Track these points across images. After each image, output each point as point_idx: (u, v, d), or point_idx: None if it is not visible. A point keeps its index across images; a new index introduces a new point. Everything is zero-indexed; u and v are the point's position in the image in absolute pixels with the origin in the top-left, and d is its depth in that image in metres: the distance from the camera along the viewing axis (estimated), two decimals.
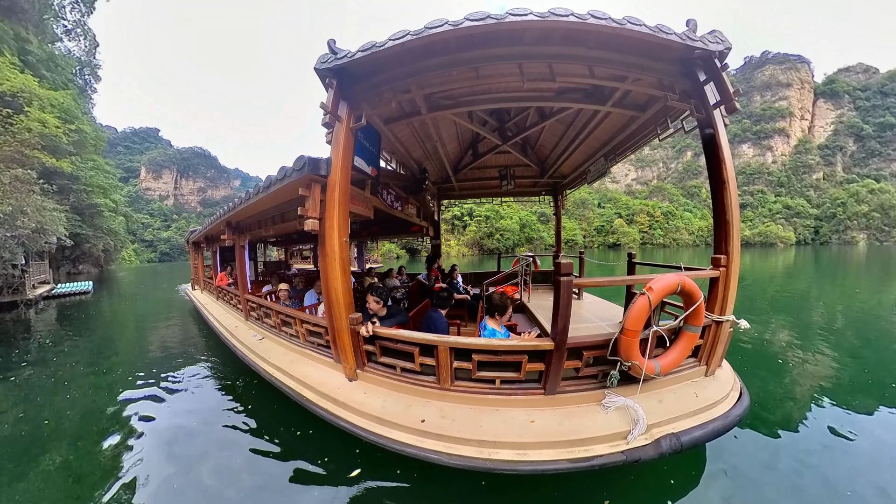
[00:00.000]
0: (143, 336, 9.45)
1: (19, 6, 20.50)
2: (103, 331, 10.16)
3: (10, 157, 10.78)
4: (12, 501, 3.08)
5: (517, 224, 76.00)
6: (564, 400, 2.84)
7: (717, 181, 3.07)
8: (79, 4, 28.42)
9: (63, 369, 6.60)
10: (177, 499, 3.05)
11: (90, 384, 5.82)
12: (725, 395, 2.96)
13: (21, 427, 4.37)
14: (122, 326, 11.08)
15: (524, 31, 2.77)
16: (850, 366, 5.55)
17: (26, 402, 5.17)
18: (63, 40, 28.02)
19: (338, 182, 3.23)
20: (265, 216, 5.63)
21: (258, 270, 12.85)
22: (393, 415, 2.91)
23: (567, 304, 2.67)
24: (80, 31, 29.67)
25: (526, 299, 5.41)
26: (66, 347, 8.24)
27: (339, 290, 3.35)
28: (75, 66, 27.85)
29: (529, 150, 7.38)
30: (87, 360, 7.20)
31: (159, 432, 4.17)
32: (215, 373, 6.09)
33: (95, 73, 31.96)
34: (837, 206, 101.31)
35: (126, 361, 7.06)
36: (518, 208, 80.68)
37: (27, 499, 3.11)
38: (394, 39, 2.81)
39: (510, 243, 70.90)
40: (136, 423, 4.39)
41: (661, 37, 2.70)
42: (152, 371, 6.24)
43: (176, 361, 6.79)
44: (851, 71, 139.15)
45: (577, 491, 2.92)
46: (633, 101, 4.07)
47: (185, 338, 8.70)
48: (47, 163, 13.16)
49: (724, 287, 3.07)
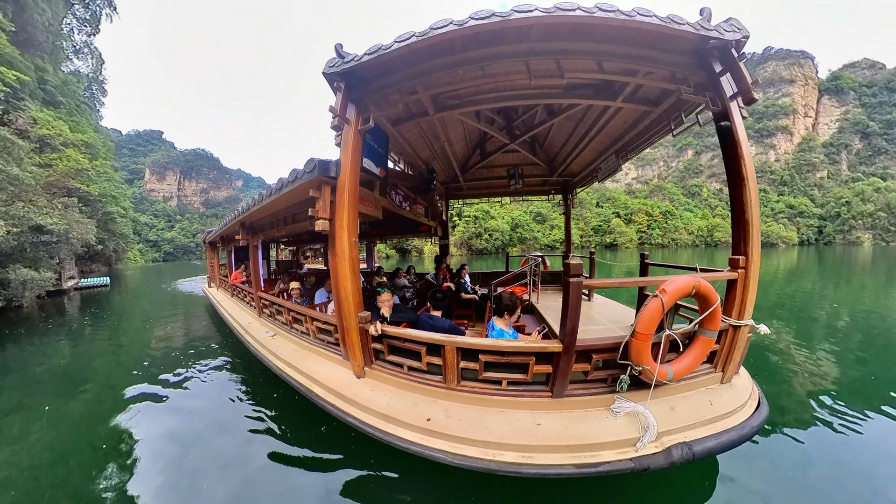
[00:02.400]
0: (151, 314, 12.21)
1: (35, 39, 21.79)
2: (121, 309, 13.69)
3: (55, 185, 14.17)
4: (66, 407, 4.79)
5: (507, 224, 74.72)
6: (572, 403, 2.69)
7: (736, 178, 2.83)
8: (85, 26, 30.14)
9: (99, 331, 9.60)
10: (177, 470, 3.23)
11: (116, 343, 8.43)
12: (742, 403, 2.73)
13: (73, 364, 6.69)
14: (133, 307, 14.23)
15: (530, 28, 2.63)
16: (856, 369, 5.22)
17: (92, 343, 8.43)
18: (73, 60, 29.68)
19: (347, 183, 3.16)
20: (277, 217, 5.60)
21: (270, 269, 12.95)
22: (399, 412, 2.82)
23: (576, 306, 2.51)
24: (86, 50, 31.64)
25: (535, 300, 5.23)
26: (100, 317, 11.76)
27: (349, 289, 3.29)
28: (84, 84, 29.58)
29: (538, 148, 7.14)
30: (110, 328, 10.07)
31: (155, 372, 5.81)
32: (208, 343, 7.73)
33: (102, 87, 34.08)
34: (842, 205, 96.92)
35: (139, 328, 9.95)
36: (511, 208, 79.52)
37: (70, 407, 4.80)
38: (399, 41, 2.72)
39: (499, 243, 69.88)
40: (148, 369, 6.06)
41: (674, 28, 2.52)
42: (156, 335, 8.90)
43: (173, 325, 9.79)
44: (857, 67, 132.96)
45: (580, 499, 2.77)
46: (645, 96, 3.85)
47: (185, 315, 11.48)
48: (81, 188, 17.22)
49: (742, 290, 2.84)
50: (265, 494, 2.93)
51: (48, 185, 13.61)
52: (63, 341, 8.50)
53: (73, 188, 16.32)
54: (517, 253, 65.55)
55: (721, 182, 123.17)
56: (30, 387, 5.58)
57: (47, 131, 16.01)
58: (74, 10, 28.60)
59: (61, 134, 16.96)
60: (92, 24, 30.76)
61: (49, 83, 22.47)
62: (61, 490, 3.10)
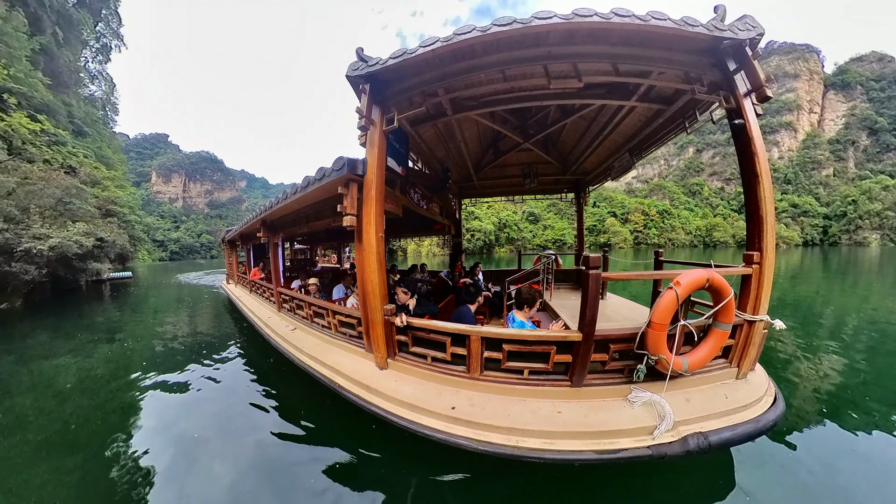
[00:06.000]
0: (167, 299, 16.57)
1: (62, 80, 24.95)
2: (145, 291, 19.93)
3: (100, 207, 20.28)
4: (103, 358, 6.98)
5: (492, 225, 74.58)
6: (590, 393, 2.75)
7: (750, 174, 2.84)
8: (98, 55, 35.38)
9: (134, 303, 14.90)
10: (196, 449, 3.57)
11: (140, 319, 11.29)
12: (758, 398, 2.73)
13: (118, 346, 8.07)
14: (153, 289, 20.81)
15: (548, 33, 2.69)
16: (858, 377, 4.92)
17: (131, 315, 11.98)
18: (89, 86, 33.89)
19: (374, 181, 3.24)
20: (300, 215, 5.69)
21: (286, 267, 13.14)
22: (424, 401, 2.89)
23: (595, 296, 2.57)
24: (100, 77, 36.32)
25: (548, 297, 5.25)
26: (133, 294, 18.19)
27: (375, 283, 3.35)
28: (99, 106, 34.26)
29: (551, 147, 7.11)
30: (141, 301, 15.66)
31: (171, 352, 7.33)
32: (215, 318, 10.83)
33: (115, 108, 38.57)
34: (848, 203, 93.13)
35: (160, 301, 15.49)
36: (500, 208, 79.11)
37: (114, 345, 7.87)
38: (424, 46, 2.81)
39: (481, 244, 70.41)
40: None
41: (687, 30, 2.56)
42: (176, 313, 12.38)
43: (184, 304, 14.16)
44: (864, 60, 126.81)
45: (595, 486, 2.83)
46: (659, 95, 3.86)
47: (193, 301, 14.99)
48: (115, 209, 22.88)
49: (757, 285, 2.85)
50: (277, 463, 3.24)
51: (98, 208, 19.67)
52: (112, 307, 13.50)
53: (109, 206, 21.98)
54: (504, 253, 64.26)
55: (722, 180, 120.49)
56: (98, 330, 9.28)
57: (95, 172, 21.85)
58: (89, 45, 33.33)
59: (99, 170, 23.24)
60: (103, 54, 36.08)
61: (76, 117, 25.54)
62: (110, 384, 5.46)
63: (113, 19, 36.32)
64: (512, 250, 75.13)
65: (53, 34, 25.33)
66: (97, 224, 17.80)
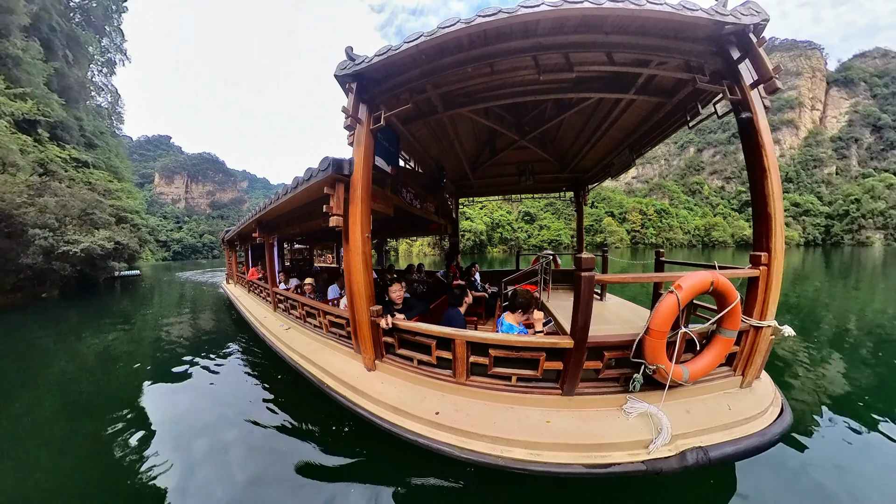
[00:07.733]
0: (173, 293, 18.49)
1: (72, 96, 25.95)
2: (154, 287, 22.19)
3: (114, 215, 22.46)
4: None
5: (484, 225, 73.79)
6: (582, 402, 2.55)
7: (758, 170, 2.60)
8: (104, 68, 36.81)
9: (139, 299, 16.11)
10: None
11: (150, 302, 14.40)
12: (763, 409, 2.50)
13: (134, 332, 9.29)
14: (160, 285, 23.35)
15: (537, 23, 2.50)
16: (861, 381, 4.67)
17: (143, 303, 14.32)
18: (95, 97, 35.17)
19: (360, 181, 3.11)
20: (293, 215, 5.57)
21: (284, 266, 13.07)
22: (408, 405, 2.75)
23: (588, 301, 2.37)
24: (105, 89, 37.61)
25: (545, 298, 5.05)
26: (144, 287, 21.28)
27: (361, 283, 3.24)
28: (105, 115, 35.62)
29: (548, 144, 6.86)
30: (151, 294, 17.85)
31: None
32: (211, 307, 12.41)
33: (120, 117, 39.63)
34: (851, 202, 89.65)
35: (166, 296, 17.08)
36: (494, 208, 78.40)
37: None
38: (408, 42, 2.65)
39: (471, 244, 70.00)
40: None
41: (686, 15, 2.34)
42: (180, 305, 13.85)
43: (189, 297, 15.93)
44: (868, 56, 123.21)
45: (586, 500, 2.64)
46: (659, 87, 3.62)
47: (195, 295, 16.81)
48: (126, 216, 24.88)
49: (764, 288, 2.60)
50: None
51: (112, 216, 22.31)
52: (127, 299, 15.75)
53: (121, 214, 24.35)
54: (498, 253, 63.83)
55: (723, 179, 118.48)
56: (116, 317, 11.03)
57: (109, 185, 24.01)
58: (95, 60, 34.92)
59: (113, 182, 25.35)
60: (108, 68, 37.59)
61: (87, 130, 26.68)
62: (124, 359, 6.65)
63: (116, 35, 38.06)
64: (506, 250, 74.60)
65: (64, 56, 26.48)
66: (114, 230, 21.01)
